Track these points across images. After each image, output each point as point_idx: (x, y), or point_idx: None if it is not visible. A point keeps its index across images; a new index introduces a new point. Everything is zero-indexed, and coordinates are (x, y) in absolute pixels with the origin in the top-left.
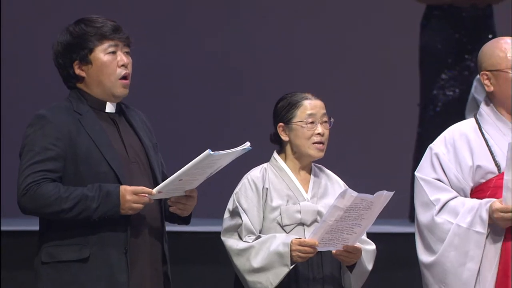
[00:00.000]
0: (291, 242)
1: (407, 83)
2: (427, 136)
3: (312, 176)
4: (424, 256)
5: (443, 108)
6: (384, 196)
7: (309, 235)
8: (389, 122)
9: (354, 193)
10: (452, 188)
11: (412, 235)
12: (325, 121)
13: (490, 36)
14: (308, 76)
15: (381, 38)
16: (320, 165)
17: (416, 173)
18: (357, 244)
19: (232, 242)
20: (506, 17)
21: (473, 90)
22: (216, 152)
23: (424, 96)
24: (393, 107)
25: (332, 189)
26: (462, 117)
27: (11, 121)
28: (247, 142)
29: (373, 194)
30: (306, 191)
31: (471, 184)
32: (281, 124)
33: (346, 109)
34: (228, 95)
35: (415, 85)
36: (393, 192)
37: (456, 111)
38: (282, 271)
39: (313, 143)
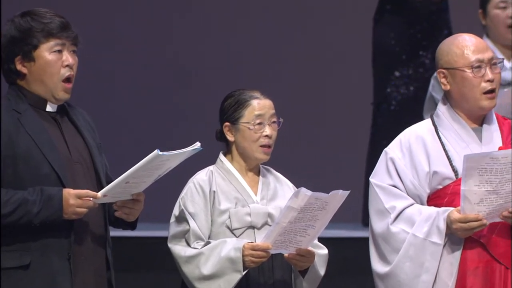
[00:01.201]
0: (243, 246)
1: (360, 81)
2: (381, 136)
3: (260, 178)
4: (378, 266)
5: (397, 107)
6: (339, 196)
7: (261, 239)
8: (341, 121)
9: (309, 192)
10: (408, 195)
11: (365, 239)
12: (274, 122)
13: (446, 31)
14: (257, 73)
15: (333, 33)
16: (268, 167)
17: (371, 179)
18: (310, 248)
19: (179, 249)
20: (463, 11)
21: (430, 88)
22: (165, 153)
23: (378, 94)
24: (346, 106)
25: (281, 191)
26: (417, 116)
27: None
28: (197, 142)
29: (326, 193)
30: (255, 193)
31: (428, 191)
32: (227, 123)
33: (297, 107)
34: (177, 95)
35: (369, 83)
36: (349, 192)
37: (411, 110)
38: (234, 278)
39: (260, 146)
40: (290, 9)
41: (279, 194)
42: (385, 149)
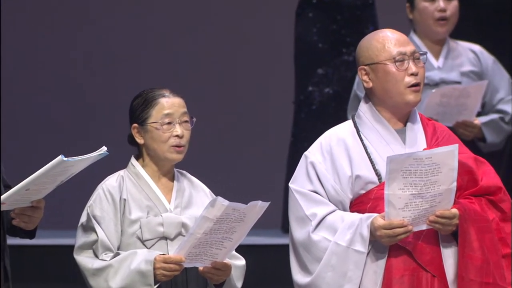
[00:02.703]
0: (155, 259)
1: (281, 79)
2: (303, 137)
3: (175, 184)
4: (299, 277)
5: (319, 107)
6: (258, 207)
7: (174, 250)
8: (260, 121)
9: (226, 202)
10: (329, 200)
11: (285, 247)
12: (185, 121)
13: (371, 27)
14: (170, 71)
15: (252, 27)
16: (183, 171)
17: (291, 185)
18: (227, 260)
19: (86, 261)
20: (389, 6)
21: (355, 86)
22: (70, 158)
23: (299, 93)
24: (266, 105)
25: (197, 198)
26: (340, 116)
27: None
28: (104, 147)
29: (245, 204)
30: (169, 201)
31: (350, 196)
32: (135, 125)
33: (214, 107)
34: (86, 95)
35: (290, 81)
36: (268, 203)
37: (333, 109)
38: None
39: (172, 146)
40: (206, 1)
41: (194, 201)
42: (305, 153)
